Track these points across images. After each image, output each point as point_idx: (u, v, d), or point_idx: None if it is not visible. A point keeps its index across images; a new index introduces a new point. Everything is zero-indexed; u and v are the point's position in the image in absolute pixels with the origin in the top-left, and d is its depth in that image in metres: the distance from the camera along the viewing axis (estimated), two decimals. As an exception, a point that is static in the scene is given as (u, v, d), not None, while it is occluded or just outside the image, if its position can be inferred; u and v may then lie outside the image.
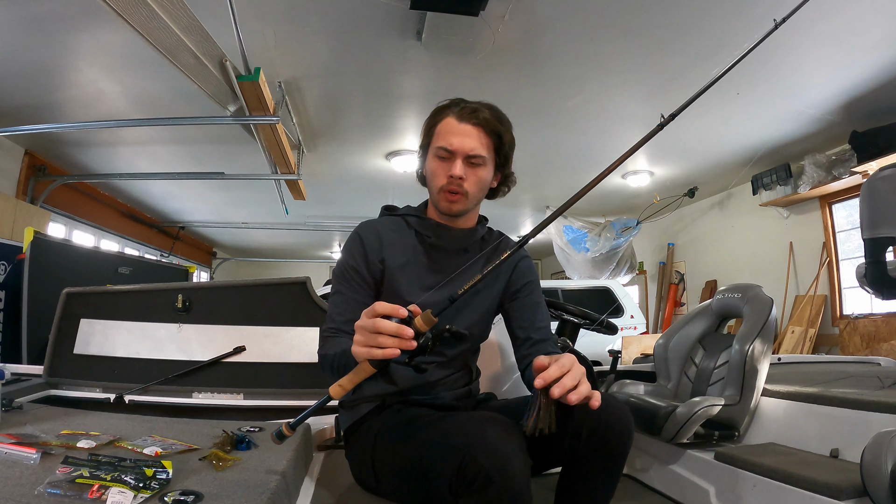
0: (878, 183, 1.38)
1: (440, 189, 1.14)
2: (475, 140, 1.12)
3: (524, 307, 1.20)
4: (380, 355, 0.82)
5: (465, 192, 1.13)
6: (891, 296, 1.46)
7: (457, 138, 1.11)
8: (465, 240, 1.20)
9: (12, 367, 1.88)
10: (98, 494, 0.78)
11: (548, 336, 1.19)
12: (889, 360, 2.78)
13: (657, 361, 2.32)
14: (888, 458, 1.16)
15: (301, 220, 7.15)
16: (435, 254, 1.18)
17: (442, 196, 1.14)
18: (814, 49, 3.19)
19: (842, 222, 5.03)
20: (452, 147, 1.11)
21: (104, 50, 3.17)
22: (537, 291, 1.24)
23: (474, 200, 1.17)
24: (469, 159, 1.12)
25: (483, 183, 1.16)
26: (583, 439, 0.99)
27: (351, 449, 1.16)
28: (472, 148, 1.11)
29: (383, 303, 0.83)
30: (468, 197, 1.14)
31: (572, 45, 3.20)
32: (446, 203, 1.14)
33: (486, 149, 1.13)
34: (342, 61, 3.39)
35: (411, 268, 1.16)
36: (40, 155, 5.00)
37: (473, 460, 0.82)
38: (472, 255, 1.19)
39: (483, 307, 1.20)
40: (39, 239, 3.33)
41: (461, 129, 1.12)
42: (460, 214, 1.17)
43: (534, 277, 1.24)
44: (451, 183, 1.12)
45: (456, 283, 1.11)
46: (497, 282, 1.21)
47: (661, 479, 1.97)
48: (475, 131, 1.12)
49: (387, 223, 1.22)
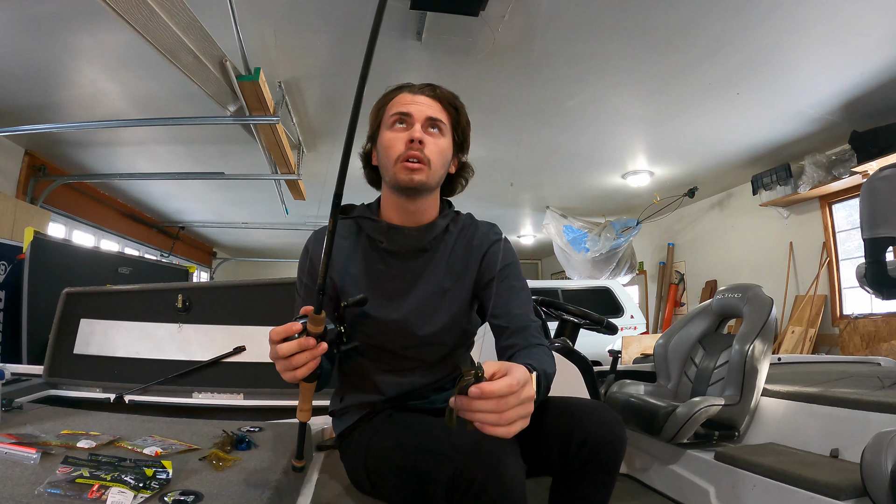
0: (878, 183, 1.38)
1: (398, 159, 1.01)
2: (432, 108, 1.04)
3: (498, 293, 1.06)
4: (302, 374, 0.81)
5: (427, 159, 1.01)
6: (891, 296, 1.45)
7: (413, 105, 1.03)
8: (422, 239, 1.08)
9: (12, 367, 1.88)
10: (98, 494, 0.78)
11: (527, 323, 1.03)
12: (889, 360, 2.78)
13: (657, 361, 2.32)
14: (888, 458, 1.16)
15: (301, 220, 7.14)
16: (391, 259, 1.08)
17: (401, 167, 1.01)
18: (814, 49, 3.19)
19: (842, 222, 5.02)
20: (409, 111, 1.03)
21: (104, 50, 3.18)
22: (514, 275, 1.09)
23: (436, 175, 1.04)
24: (428, 124, 1.03)
25: (444, 154, 1.05)
26: (571, 452, 0.96)
27: (345, 454, 1.13)
28: (432, 112, 1.03)
29: (276, 329, 0.81)
30: (430, 166, 1.02)
31: (572, 45, 3.20)
32: (406, 174, 1.00)
33: (445, 117, 1.05)
34: (342, 61, 3.39)
35: (367, 277, 1.07)
36: (40, 155, 5.00)
37: (467, 468, 0.80)
38: (432, 253, 1.09)
39: (452, 309, 1.08)
40: (39, 239, 3.33)
41: (417, 98, 1.04)
42: (420, 190, 1.03)
43: (509, 261, 1.10)
44: (412, 148, 1.00)
45: (423, 286, 1.07)
46: (465, 276, 1.09)
47: (661, 479, 1.97)
48: (432, 102, 1.05)
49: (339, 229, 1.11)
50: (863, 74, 3.49)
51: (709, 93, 3.77)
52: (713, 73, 3.49)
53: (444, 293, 1.07)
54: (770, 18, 2.89)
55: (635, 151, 5.16)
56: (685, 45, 3.18)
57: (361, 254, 1.09)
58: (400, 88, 1.08)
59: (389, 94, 1.08)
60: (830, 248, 5.02)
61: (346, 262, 1.08)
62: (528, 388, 0.70)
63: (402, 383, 1.09)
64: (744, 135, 4.60)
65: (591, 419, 0.97)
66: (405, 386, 1.09)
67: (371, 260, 1.09)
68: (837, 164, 4.62)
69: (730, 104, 3.95)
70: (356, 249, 1.10)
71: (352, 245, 1.10)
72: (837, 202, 5.01)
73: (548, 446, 0.97)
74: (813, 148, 4.80)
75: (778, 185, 5.27)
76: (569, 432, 0.96)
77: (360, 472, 1.06)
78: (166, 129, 4.27)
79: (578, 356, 1.97)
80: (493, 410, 0.67)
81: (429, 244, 1.09)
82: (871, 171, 3.99)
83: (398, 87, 1.09)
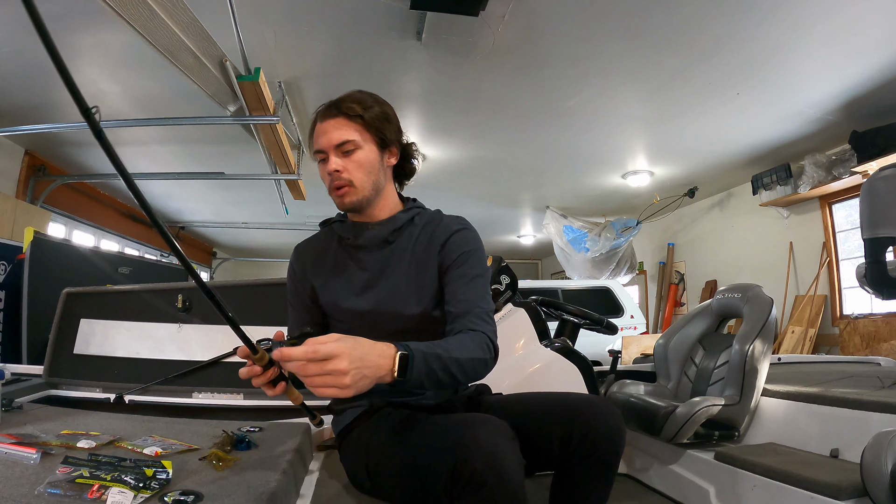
0: (878, 183, 1.38)
1: (329, 190, 1.12)
2: (338, 130, 1.09)
3: (452, 280, 1.10)
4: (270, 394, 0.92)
5: (349, 180, 1.10)
6: (891, 296, 1.45)
7: (322, 137, 1.10)
8: (384, 231, 1.15)
9: (12, 367, 1.88)
10: (98, 494, 0.78)
11: (469, 309, 1.05)
12: (889, 360, 2.78)
13: (657, 361, 2.32)
14: (888, 458, 1.16)
15: (301, 220, 7.14)
16: (358, 254, 1.16)
17: (333, 195, 1.12)
18: (814, 49, 3.19)
19: (842, 222, 5.02)
20: (320, 145, 1.11)
21: (104, 50, 3.18)
22: (471, 262, 1.11)
23: (366, 187, 1.12)
24: (339, 149, 1.09)
25: (366, 166, 1.11)
26: (572, 446, 0.99)
27: (344, 453, 1.14)
28: (337, 137, 1.09)
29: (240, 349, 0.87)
30: (355, 185, 1.10)
31: (572, 45, 3.20)
32: (339, 200, 1.12)
33: (353, 132, 1.10)
34: (342, 61, 3.39)
35: (339, 274, 1.16)
36: (40, 155, 5.00)
37: (466, 462, 0.81)
38: (396, 245, 1.15)
39: (421, 298, 1.11)
40: (39, 239, 3.33)
41: (323, 127, 1.11)
42: (360, 207, 1.13)
43: (468, 248, 1.12)
44: (334, 179, 1.10)
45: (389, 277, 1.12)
46: (429, 265, 1.13)
47: (661, 479, 1.97)
48: (336, 122, 1.10)
49: (319, 238, 1.24)
50: (863, 74, 3.49)
51: (709, 93, 3.77)
52: (713, 73, 3.49)
53: (409, 282, 1.12)
54: (770, 18, 2.89)
55: (635, 151, 5.16)
56: (685, 45, 3.18)
57: (333, 253, 1.19)
58: (314, 116, 1.14)
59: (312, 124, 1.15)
60: (830, 248, 5.02)
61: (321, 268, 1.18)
62: (337, 362, 0.79)
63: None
64: (744, 135, 4.60)
65: (591, 413, 1.00)
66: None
67: (341, 257, 1.18)
68: (837, 164, 4.62)
69: (730, 104, 3.95)
70: (329, 252, 1.19)
71: (325, 249, 1.20)
72: (837, 202, 5.01)
73: (549, 440, 0.99)
74: (813, 148, 4.80)
75: (778, 185, 5.27)
76: (569, 426, 0.99)
77: (361, 470, 1.07)
78: (166, 129, 4.27)
79: (578, 356, 1.97)
80: (298, 371, 0.80)
81: (391, 236, 1.15)
82: (871, 171, 3.99)
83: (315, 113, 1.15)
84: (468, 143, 4.82)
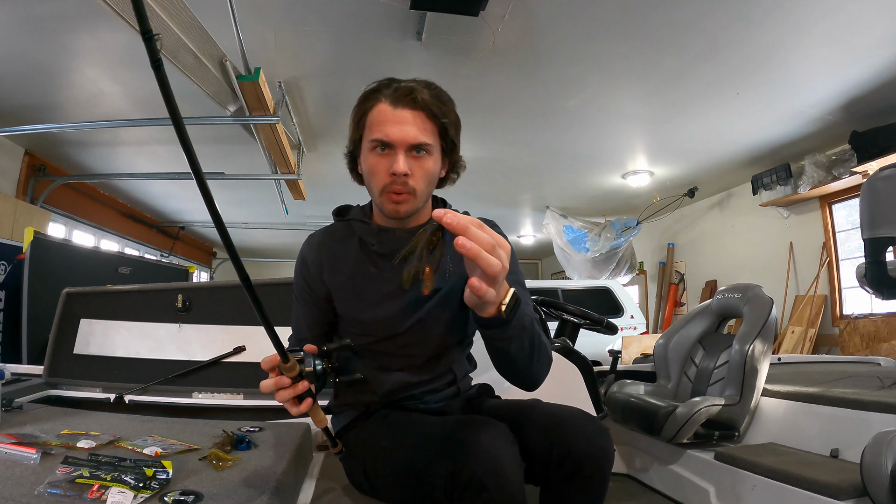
0: (878, 183, 1.38)
1: (382, 190, 0.98)
2: (416, 127, 0.95)
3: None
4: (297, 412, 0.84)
5: (413, 189, 0.97)
6: (891, 296, 1.46)
7: (395, 127, 0.94)
8: None
9: (12, 367, 1.88)
10: (98, 494, 0.78)
11: None
12: (889, 360, 2.78)
13: (657, 361, 2.32)
14: (888, 458, 1.16)
15: (301, 220, 7.15)
16: (381, 262, 1.05)
17: (386, 198, 0.98)
18: (814, 49, 3.19)
19: (842, 222, 5.02)
20: (390, 138, 0.95)
21: (104, 50, 3.18)
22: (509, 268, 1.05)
23: (423, 197, 1.01)
24: (412, 150, 0.96)
25: (431, 176, 1.00)
26: (552, 465, 0.92)
27: (343, 455, 1.14)
28: (415, 136, 0.95)
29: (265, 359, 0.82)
30: (416, 195, 0.98)
31: (572, 45, 3.20)
32: (392, 206, 0.98)
33: (430, 135, 0.97)
34: (342, 61, 3.39)
35: (359, 281, 1.05)
36: (40, 155, 5.00)
37: (466, 467, 0.81)
38: None
39: (444, 309, 1.04)
40: (39, 239, 3.33)
41: (398, 115, 0.95)
42: (410, 216, 1.01)
43: None
44: (395, 182, 0.96)
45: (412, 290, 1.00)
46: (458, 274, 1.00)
47: (661, 479, 1.97)
48: (416, 116, 0.95)
49: (334, 232, 1.11)
50: (863, 74, 3.49)
51: (709, 93, 3.77)
52: (713, 73, 3.49)
53: (435, 293, 1.03)
54: (770, 19, 2.89)
55: (635, 151, 5.16)
56: (685, 46, 3.18)
57: (353, 256, 1.07)
58: (377, 94, 0.98)
59: (368, 101, 0.99)
60: (830, 248, 5.02)
61: (338, 268, 1.07)
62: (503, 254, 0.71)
63: (393, 382, 1.08)
64: (744, 135, 4.60)
65: (573, 431, 0.93)
66: (397, 385, 1.08)
67: (362, 263, 1.06)
68: (837, 164, 4.62)
69: (730, 104, 3.95)
70: (349, 253, 1.08)
71: (344, 248, 1.08)
72: (837, 202, 5.01)
73: (529, 459, 0.93)
74: (813, 148, 4.80)
75: (778, 185, 5.27)
76: (549, 445, 0.93)
77: (359, 472, 1.06)
78: (166, 129, 4.26)
79: (578, 356, 1.97)
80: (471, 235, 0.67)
81: None
82: (871, 171, 3.99)
83: (375, 89, 0.99)
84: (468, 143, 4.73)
